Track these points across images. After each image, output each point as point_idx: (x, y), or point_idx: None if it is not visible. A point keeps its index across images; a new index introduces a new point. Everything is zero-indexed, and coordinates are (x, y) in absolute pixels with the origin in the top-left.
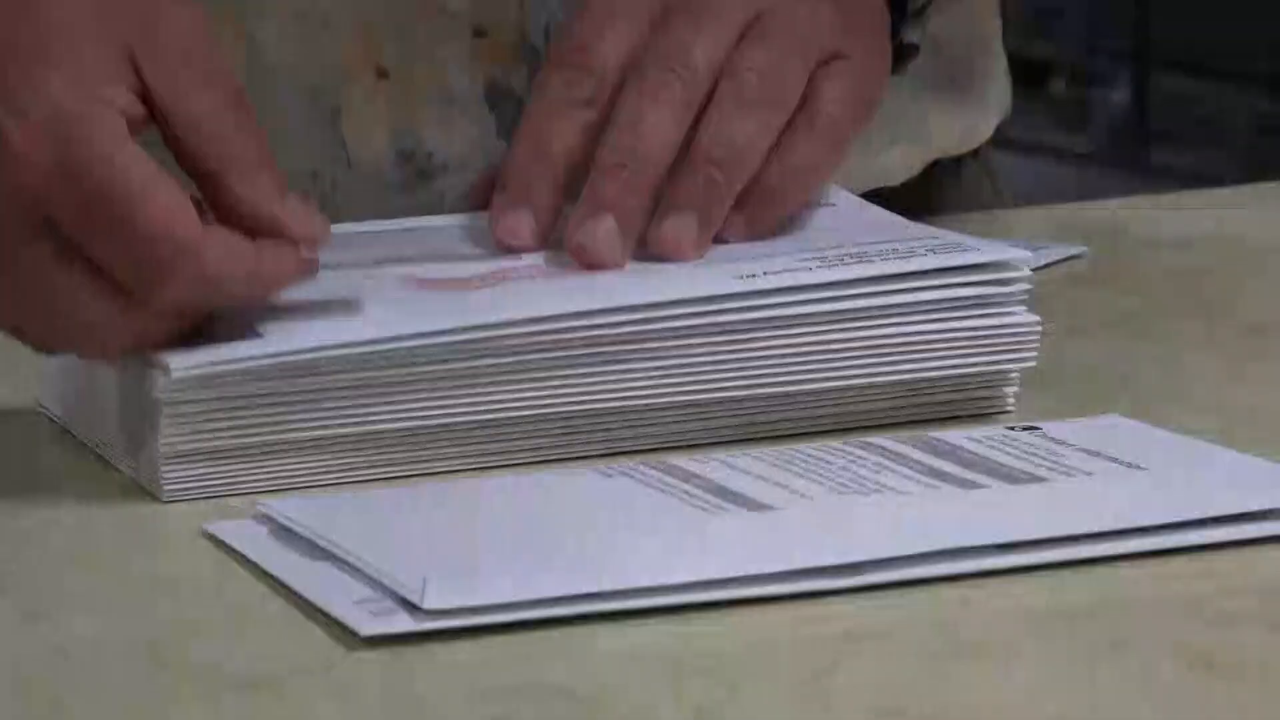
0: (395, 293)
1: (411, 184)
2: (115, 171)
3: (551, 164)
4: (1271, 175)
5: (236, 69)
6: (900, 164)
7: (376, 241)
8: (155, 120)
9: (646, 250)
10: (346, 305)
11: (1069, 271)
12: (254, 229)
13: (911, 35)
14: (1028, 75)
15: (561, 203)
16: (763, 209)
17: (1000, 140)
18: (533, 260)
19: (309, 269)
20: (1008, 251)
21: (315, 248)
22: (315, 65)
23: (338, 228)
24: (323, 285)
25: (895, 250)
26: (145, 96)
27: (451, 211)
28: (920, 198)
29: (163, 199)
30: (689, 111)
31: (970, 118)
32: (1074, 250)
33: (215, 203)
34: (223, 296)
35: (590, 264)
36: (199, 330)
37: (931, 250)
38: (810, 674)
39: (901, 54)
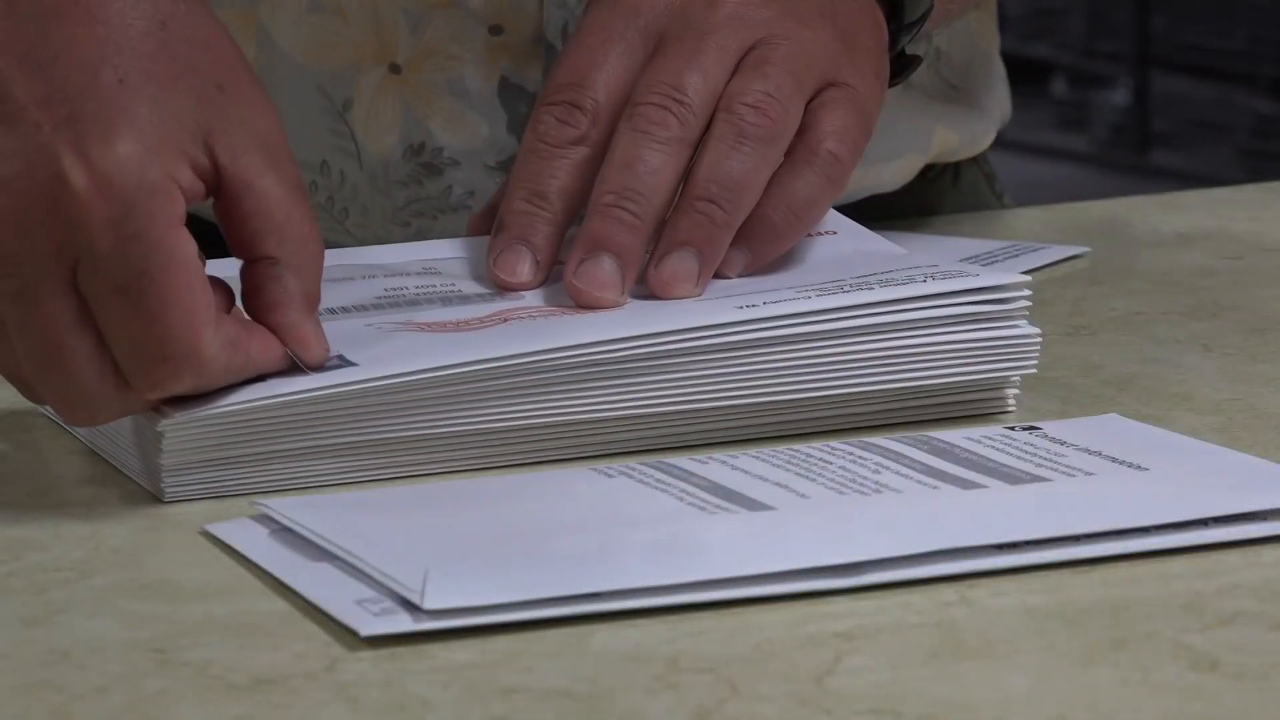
0: (394, 336)
1: (419, 177)
2: (162, 254)
3: (548, 203)
4: (1271, 175)
5: (249, 58)
6: (899, 174)
7: (377, 276)
8: (219, 199)
9: (645, 289)
10: (343, 354)
11: (1069, 271)
12: (271, 322)
13: (914, 47)
14: (1028, 76)
15: (560, 240)
16: (764, 245)
17: (1000, 141)
18: (532, 301)
19: (287, 366)
20: (1005, 277)
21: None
22: (328, 58)
23: (338, 254)
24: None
25: (893, 279)
26: (211, 176)
27: (457, 207)
28: (918, 200)
29: (192, 301)
30: (685, 147)
31: (972, 128)
32: (1074, 250)
33: (255, 280)
34: (212, 385)
35: (589, 304)
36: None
37: (930, 277)
38: (810, 674)
39: (902, 65)
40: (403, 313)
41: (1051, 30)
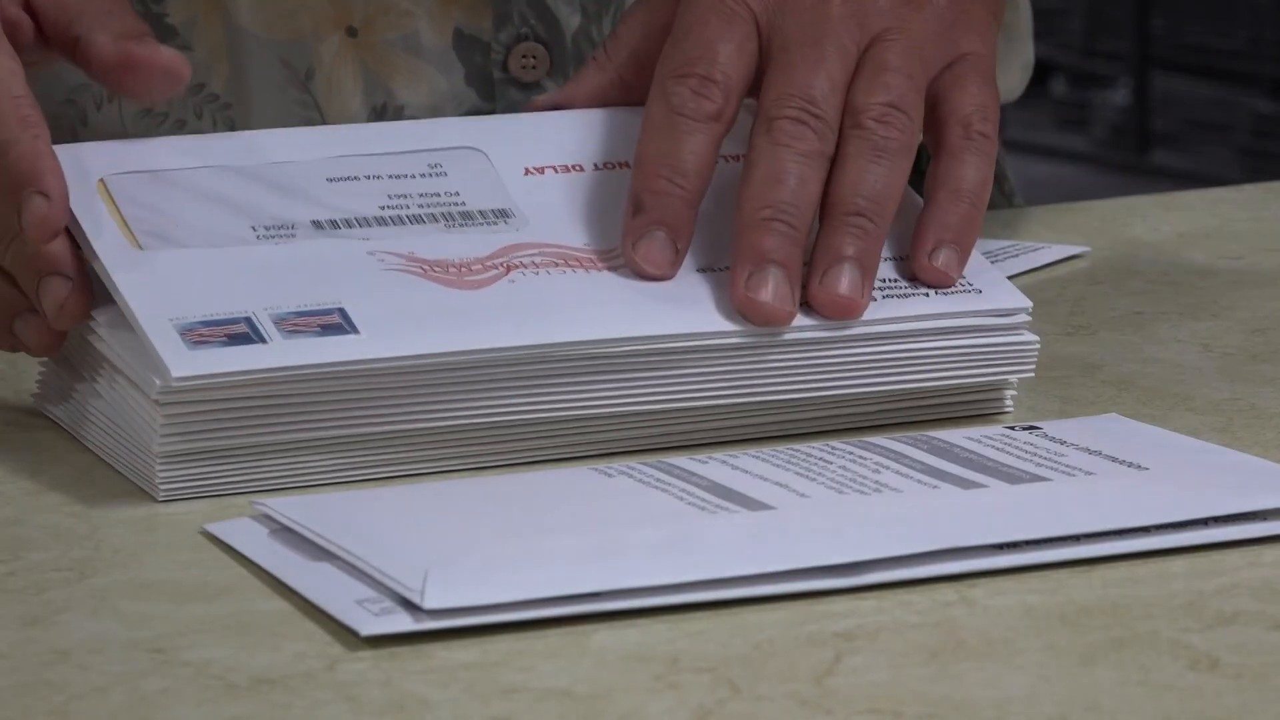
0: (396, 286)
1: None
2: None
3: (688, 180)
4: (1271, 175)
5: (216, 41)
6: None
7: (382, 176)
8: (33, 17)
9: (813, 305)
10: (347, 316)
11: (1069, 271)
12: (123, 72)
13: None
14: None
15: (695, 219)
16: (963, 236)
17: (1000, 140)
18: (536, 236)
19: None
20: (1007, 300)
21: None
22: (287, 28)
23: (345, 138)
24: (326, 261)
25: (897, 290)
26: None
27: None
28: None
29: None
30: (824, 160)
31: (1010, 73)
32: (1074, 250)
33: (89, 62)
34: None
35: (764, 320)
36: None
37: (931, 290)
38: (810, 674)
39: None
40: (405, 235)
41: (1051, 30)
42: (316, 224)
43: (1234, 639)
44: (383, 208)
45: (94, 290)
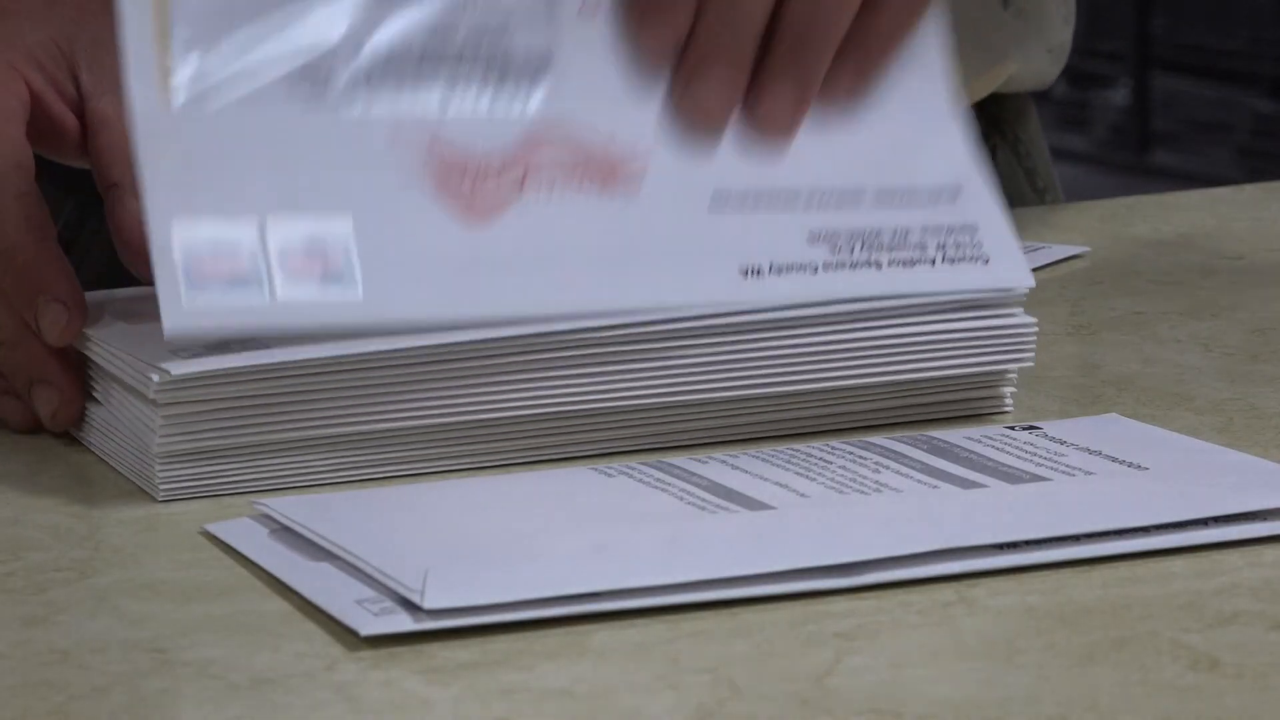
0: (406, 213)
1: None
2: None
3: (675, 33)
4: (1271, 175)
5: None
6: (980, 87)
7: (408, 56)
8: (82, 128)
9: (748, 122)
10: (351, 261)
11: (1069, 271)
12: (134, 257)
13: None
14: None
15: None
16: (868, 61)
17: (1018, 138)
18: (562, 119)
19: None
20: (1009, 276)
21: None
22: None
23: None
24: (343, 162)
25: (904, 251)
26: (76, 103)
27: None
28: None
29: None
30: None
31: (1037, 57)
32: (1074, 250)
33: (111, 220)
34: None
35: (701, 117)
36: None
37: (941, 249)
38: (810, 674)
39: None
40: (434, 106)
41: None
42: (354, 77)
43: (1234, 639)
44: (423, 48)
45: (86, 312)
